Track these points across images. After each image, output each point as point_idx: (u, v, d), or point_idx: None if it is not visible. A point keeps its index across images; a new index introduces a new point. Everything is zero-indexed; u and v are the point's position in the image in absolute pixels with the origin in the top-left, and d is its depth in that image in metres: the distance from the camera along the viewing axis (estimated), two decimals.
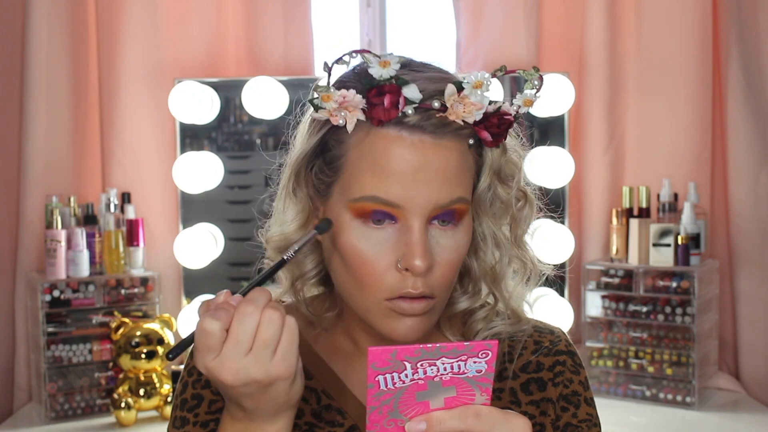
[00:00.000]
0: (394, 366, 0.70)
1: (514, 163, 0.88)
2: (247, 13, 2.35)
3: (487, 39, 2.36)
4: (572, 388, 0.93)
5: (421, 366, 0.70)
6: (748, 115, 2.18)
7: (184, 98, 2.22)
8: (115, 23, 2.27)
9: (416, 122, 0.79)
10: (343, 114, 0.81)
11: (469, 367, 0.71)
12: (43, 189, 2.17)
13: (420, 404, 0.73)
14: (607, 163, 2.33)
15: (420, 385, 0.71)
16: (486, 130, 0.82)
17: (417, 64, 0.86)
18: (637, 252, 2.14)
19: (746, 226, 2.21)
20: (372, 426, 0.73)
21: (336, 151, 0.83)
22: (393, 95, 0.79)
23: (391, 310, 0.82)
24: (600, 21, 2.29)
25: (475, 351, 0.70)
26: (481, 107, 0.81)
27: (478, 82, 0.80)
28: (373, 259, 0.81)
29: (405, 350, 0.69)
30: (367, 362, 0.69)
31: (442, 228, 0.82)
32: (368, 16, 2.48)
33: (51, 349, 2.03)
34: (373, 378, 0.70)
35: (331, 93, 0.81)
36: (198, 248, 2.24)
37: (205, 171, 2.24)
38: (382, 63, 0.80)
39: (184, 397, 0.93)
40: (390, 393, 0.71)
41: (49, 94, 2.20)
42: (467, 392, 0.73)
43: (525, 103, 0.84)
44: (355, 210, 0.81)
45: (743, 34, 2.17)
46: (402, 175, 0.79)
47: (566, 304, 2.22)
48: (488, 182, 0.86)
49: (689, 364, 2.07)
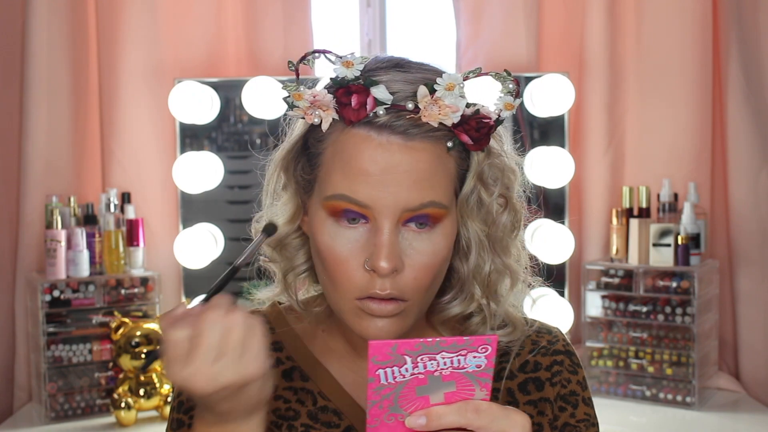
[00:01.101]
0: (394, 360, 0.70)
1: (499, 167, 0.86)
2: (247, 13, 2.35)
3: (487, 39, 2.36)
4: (570, 388, 0.93)
5: (422, 360, 0.70)
6: (748, 115, 2.18)
7: (184, 98, 2.22)
8: (115, 23, 2.27)
9: (385, 122, 0.79)
10: (318, 113, 0.82)
11: (469, 362, 0.71)
12: (43, 189, 2.17)
13: (420, 399, 0.73)
14: (607, 163, 2.33)
15: (420, 380, 0.71)
16: (465, 133, 0.81)
17: (411, 63, 0.85)
18: (637, 252, 2.14)
19: (746, 226, 2.21)
20: (372, 421, 0.73)
21: (315, 149, 0.84)
22: (360, 95, 0.79)
23: (360, 310, 0.82)
24: (600, 21, 2.29)
25: (474, 345, 0.71)
26: (457, 110, 0.80)
27: (450, 84, 0.80)
28: (344, 258, 0.81)
29: (405, 344, 0.70)
30: (368, 356, 0.69)
31: (417, 231, 0.81)
32: (368, 16, 2.48)
33: (51, 349, 2.03)
34: (374, 372, 0.70)
35: (302, 92, 0.82)
36: (198, 248, 2.24)
37: (205, 171, 2.24)
38: (345, 63, 0.80)
39: (180, 399, 0.93)
40: (390, 387, 0.71)
41: (49, 94, 2.20)
42: (467, 387, 0.73)
43: (506, 106, 0.83)
44: (328, 208, 0.82)
45: (743, 35, 2.17)
46: (370, 175, 0.79)
47: (566, 304, 2.22)
48: (472, 186, 0.85)
49: (689, 364, 2.07)
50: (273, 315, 0.97)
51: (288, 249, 0.92)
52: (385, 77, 0.81)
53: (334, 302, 0.85)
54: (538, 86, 2.25)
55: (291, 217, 0.89)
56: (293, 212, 0.89)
